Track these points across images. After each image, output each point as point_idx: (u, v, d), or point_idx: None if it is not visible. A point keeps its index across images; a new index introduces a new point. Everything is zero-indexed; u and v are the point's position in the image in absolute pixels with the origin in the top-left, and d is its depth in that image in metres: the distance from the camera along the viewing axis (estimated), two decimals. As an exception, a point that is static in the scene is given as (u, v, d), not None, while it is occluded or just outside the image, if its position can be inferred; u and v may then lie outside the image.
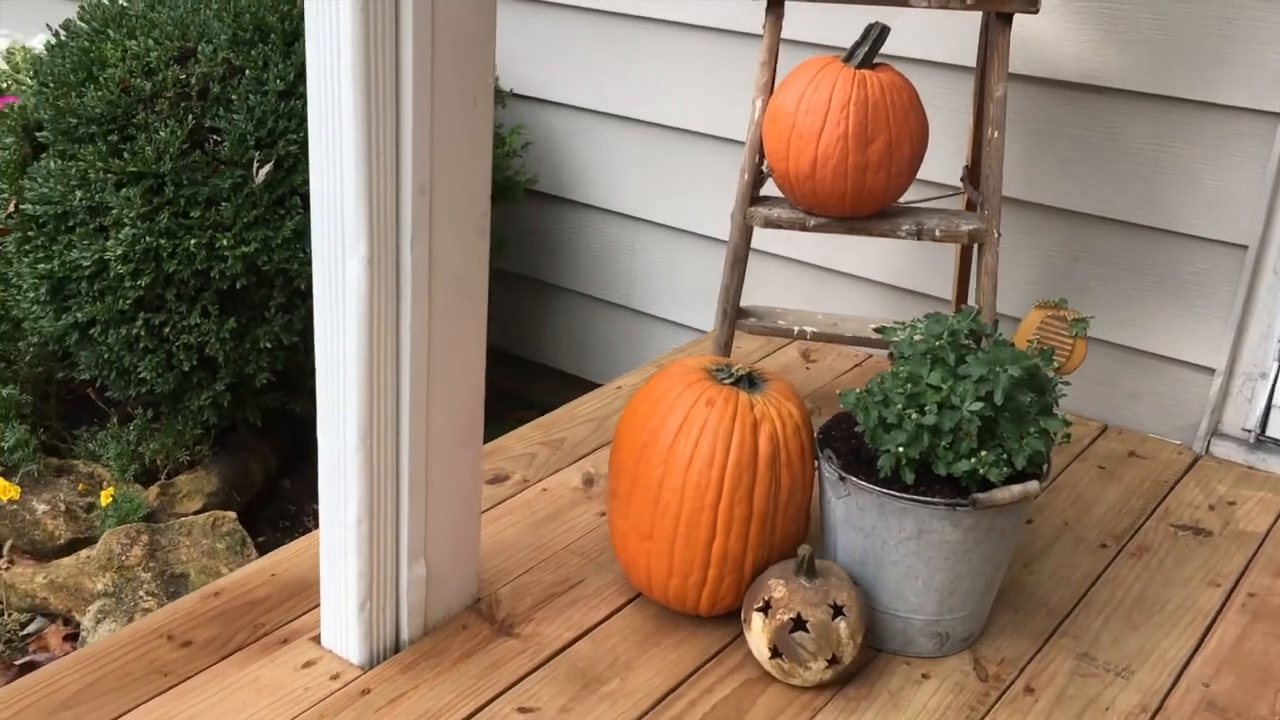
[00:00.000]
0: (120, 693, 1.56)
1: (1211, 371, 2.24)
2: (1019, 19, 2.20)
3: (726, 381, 1.67)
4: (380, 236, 1.44)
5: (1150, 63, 2.15)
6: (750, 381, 1.69)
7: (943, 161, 2.28)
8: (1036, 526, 2.02)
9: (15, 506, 2.48)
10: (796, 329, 2.21)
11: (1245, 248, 2.15)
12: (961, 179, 1.98)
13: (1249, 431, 2.24)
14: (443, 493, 1.64)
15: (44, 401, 2.81)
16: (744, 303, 2.43)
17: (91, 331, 2.44)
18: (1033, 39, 2.23)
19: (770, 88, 1.86)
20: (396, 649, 1.67)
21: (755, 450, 1.62)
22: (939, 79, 2.31)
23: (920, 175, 2.29)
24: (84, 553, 2.34)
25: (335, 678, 1.60)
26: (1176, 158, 2.18)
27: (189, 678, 1.59)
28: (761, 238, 2.67)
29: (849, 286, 2.60)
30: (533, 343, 3.14)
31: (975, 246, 1.91)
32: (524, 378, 3.16)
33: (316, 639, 1.67)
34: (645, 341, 2.96)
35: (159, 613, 1.71)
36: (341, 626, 1.63)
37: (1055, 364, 1.78)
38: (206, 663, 1.62)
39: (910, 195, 2.16)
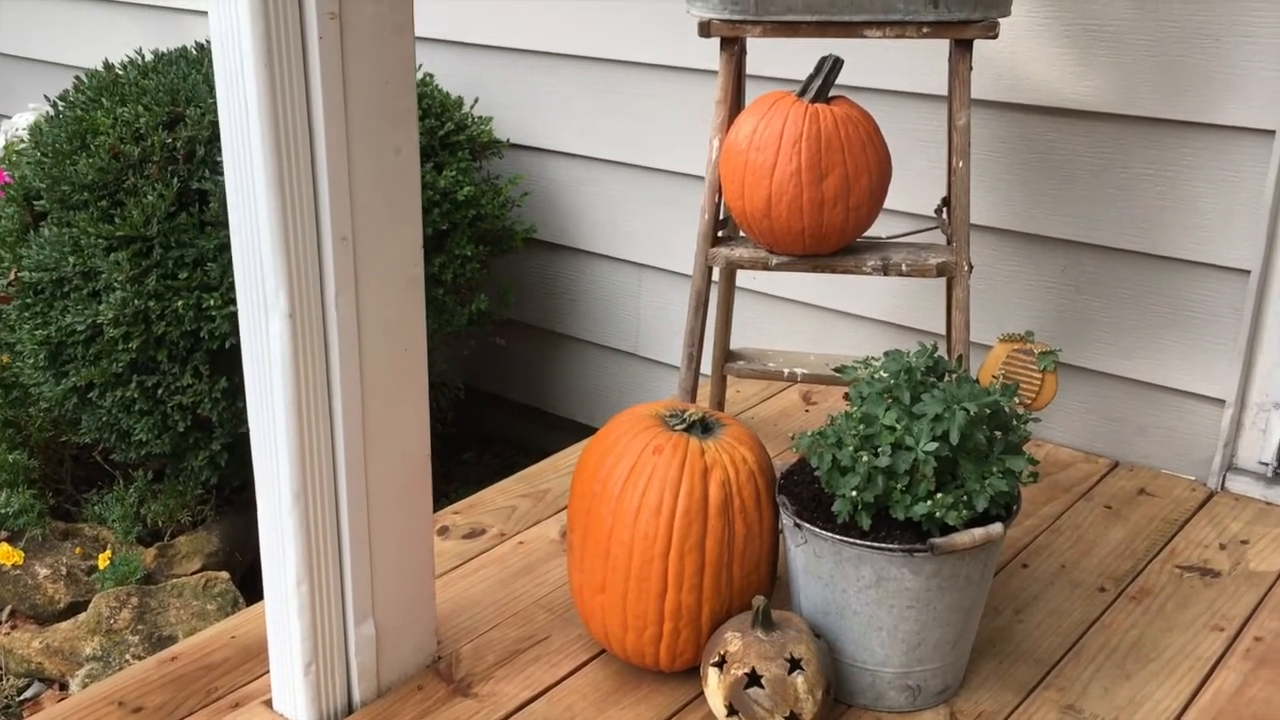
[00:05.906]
0: (65, 761, 1.54)
1: (1222, 403, 2.13)
2: (1001, 47, 2.14)
3: (678, 427, 1.62)
4: (302, 289, 1.42)
5: (1138, 85, 2.07)
6: (704, 426, 1.63)
7: (928, 195, 2.21)
8: (1031, 571, 1.92)
9: (19, 571, 2.50)
10: (787, 371, 2.15)
11: (1247, 272, 2.05)
12: (936, 211, 1.92)
13: (1265, 465, 2.12)
14: (390, 551, 1.60)
15: (58, 466, 2.84)
16: (740, 345, 2.38)
17: (90, 395, 2.46)
18: (1020, 66, 2.16)
19: (727, 126, 1.82)
20: (349, 711, 1.62)
21: (705, 498, 1.56)
22: (925, 110, 2.25)
23: (904, 208, 2.23)
24: (80, 617, 2.34)
25: (282, 743, 1.57)
26: (1170, 181, 2.09)
27: (135, 745, 1.57)
28: (761, 280, 2.62)
29: (852, 326, 2.53)
30: (543, 392, 3.10)
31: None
32: (538, 427, 3.13)
33: (268, 703, 1.63)
34: (655, 389, 2.91)
35: (113, 678, 1.69)
36: (290, 690, 1.60)
37: (1024, 400, 1.70)
38: (155, 729, 1.59)
39: (891, 229, 2.09)
